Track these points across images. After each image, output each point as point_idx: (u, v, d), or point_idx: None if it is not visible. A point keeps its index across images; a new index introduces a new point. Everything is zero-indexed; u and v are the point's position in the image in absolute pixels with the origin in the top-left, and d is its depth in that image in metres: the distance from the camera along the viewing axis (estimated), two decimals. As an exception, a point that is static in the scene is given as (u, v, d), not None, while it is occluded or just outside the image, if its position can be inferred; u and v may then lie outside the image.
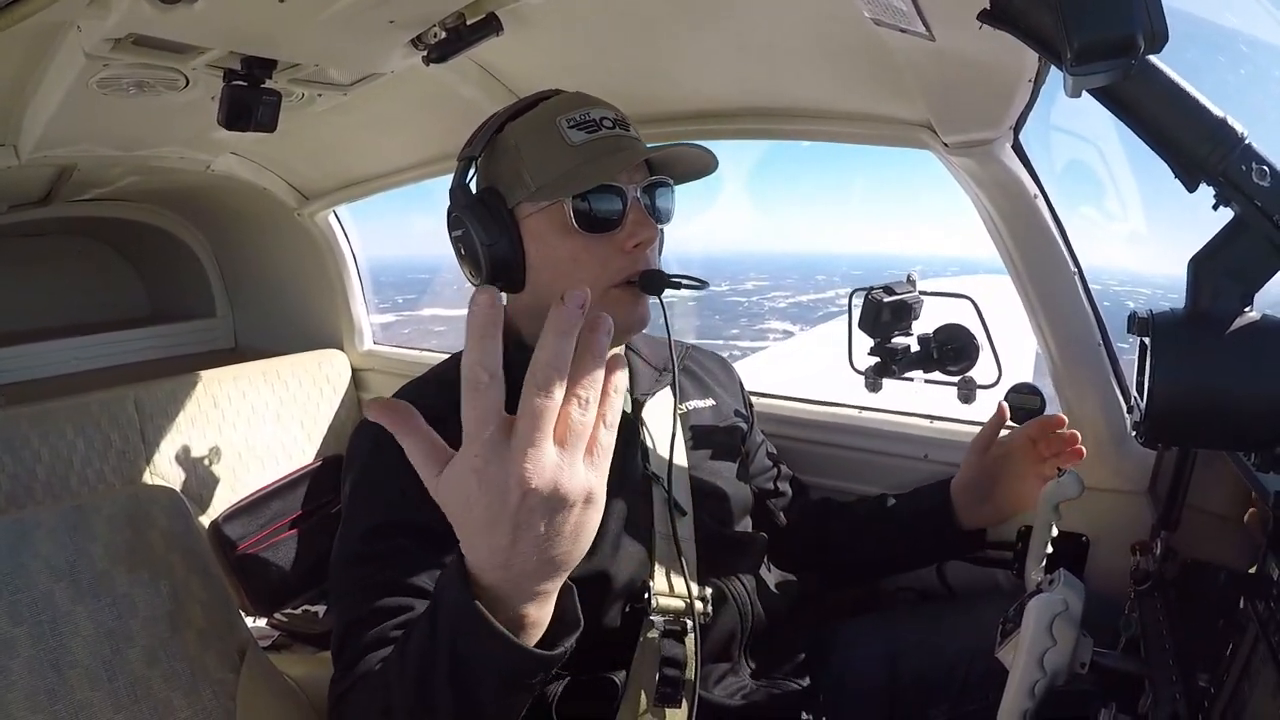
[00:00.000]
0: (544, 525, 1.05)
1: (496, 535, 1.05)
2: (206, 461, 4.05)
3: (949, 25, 1.67)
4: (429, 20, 2.25)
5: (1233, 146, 1.34)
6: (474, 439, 1.01)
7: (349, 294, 4.84)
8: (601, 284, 1.98)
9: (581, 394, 1.02)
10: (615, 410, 1.07)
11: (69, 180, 3.91)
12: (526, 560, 1.07)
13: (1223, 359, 1.41)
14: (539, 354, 0.99)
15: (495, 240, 2.00)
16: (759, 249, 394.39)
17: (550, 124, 2.00)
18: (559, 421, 1.01)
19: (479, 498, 1.03)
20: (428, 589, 1.72)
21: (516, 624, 1.17)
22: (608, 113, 2.04)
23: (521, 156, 2.01)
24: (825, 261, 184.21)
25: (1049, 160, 2.41)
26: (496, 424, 1.01)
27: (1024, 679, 1.60)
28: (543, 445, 0.99)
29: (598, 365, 1.03)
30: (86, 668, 1.85)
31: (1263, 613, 1.30)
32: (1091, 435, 2.46)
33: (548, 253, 2.01)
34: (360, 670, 1.63)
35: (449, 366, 2.21)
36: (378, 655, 1.64)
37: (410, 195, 4.51)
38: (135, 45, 2.19)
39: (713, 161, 2.09)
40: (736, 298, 39.00)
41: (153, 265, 5.82)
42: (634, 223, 1.98)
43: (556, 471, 1.01)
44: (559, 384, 0.99)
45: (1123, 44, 1.18)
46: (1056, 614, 1.61)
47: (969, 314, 2.34)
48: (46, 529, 1.93)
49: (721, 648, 2.14)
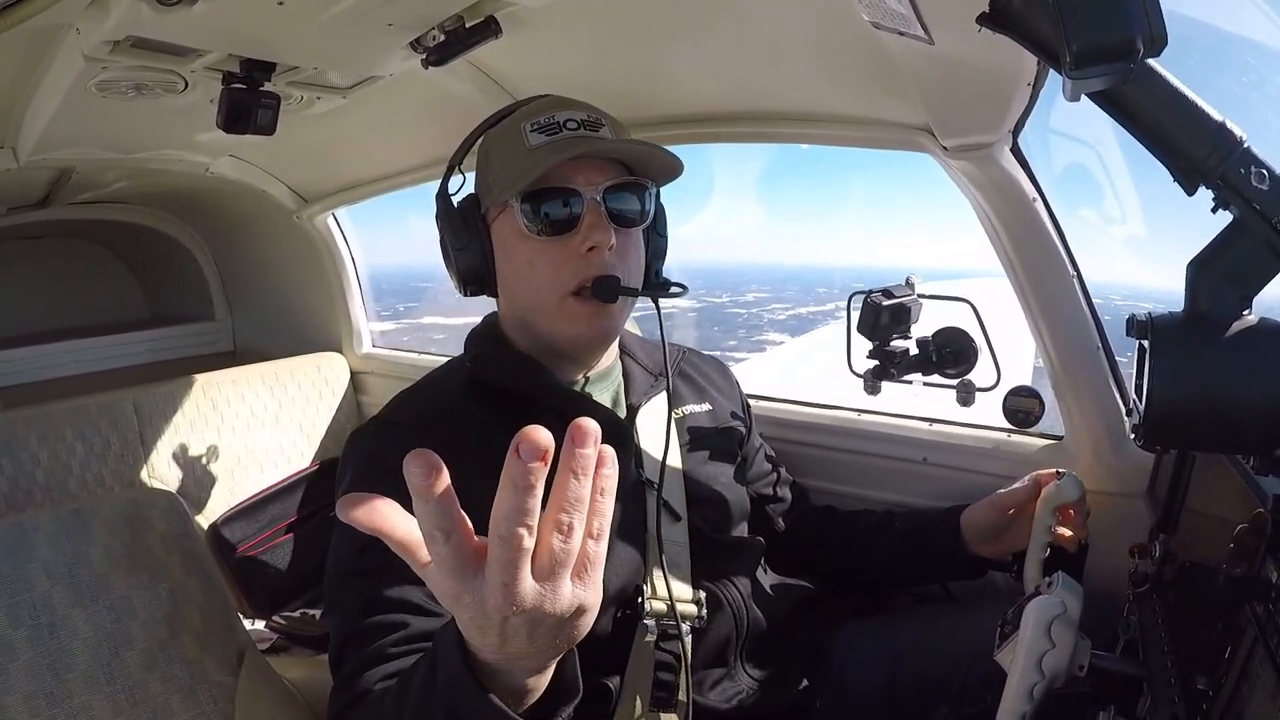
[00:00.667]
0: (531, 635, 1.02)
1: (485, 636, 1.03)
2: (205, 464, 4.05)
3: (948, 28, 1.67)
4: (428, 23, 2.24)
5: (1231, 150, 1.35)
6: (442, 576, 0.97)
7: (348, 297, 4.84)
8: (558, 290, 1.99)
9: (564, 521, 0.95)
10: (605, 515, 1.00)
11: (68, 183, 3.91)
12: (519, 650, 1.05)
13: (1221, 362, 1.41)
14: (497, 505, 0.92)
15: (465, 245, 2.05)
16: (762, 261, 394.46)
17: (515, 128, 2.02)
18: (539, 551, 0.96)
19: (459, 612, 1.01)
20: (420, 603, 1.72)
21: (515, 693, 1.15)
22: (576, 114, 2.04)
23: (490, 163, 2.06)
24: (827, 274, 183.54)
25: (1048, 164, 2.41)
26: (464, 564, 0.96)
27: (1022, 682, 1.60)
28: (516, 585, 0.95)
29: (583, 487, 0.94)
30: (85, 671, 1.86)
31: (1261, 615, 1.30)
32: (1090, 438, 2.47)
33: (509, 256, 2.04)
34: (360, 688, 1.64)
35: (443, 373, 2.22)
36: (377, 672, 1.64)
37: (411, 200, 4.51)
38: (134, 48, 2.19)
39: (670, 159, 2.07)
40: (736, 309, 38.95)
41: (151, 268, 5.82)
42: (588, 225, 1.97)
43: (538, 599, 0.97)
44: (525, 532, 0.92)
45: (1122, 48, 1.18)
46: (1055, 616, 1.62)
47: (968, 317, 2.34)
48: (45, 532, 1.93)
49: (717, 652, 2.14)
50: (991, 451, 2.74)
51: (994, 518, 2.30)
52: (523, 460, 0.88)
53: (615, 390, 2.28)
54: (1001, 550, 2.33)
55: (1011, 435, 2.72)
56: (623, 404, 2.25)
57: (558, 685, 1.22)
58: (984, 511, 2.33)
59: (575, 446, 0.92)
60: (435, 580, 0.99)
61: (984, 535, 2.34)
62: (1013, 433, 2.71)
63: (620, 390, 2.28)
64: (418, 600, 1.72)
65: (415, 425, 1.93)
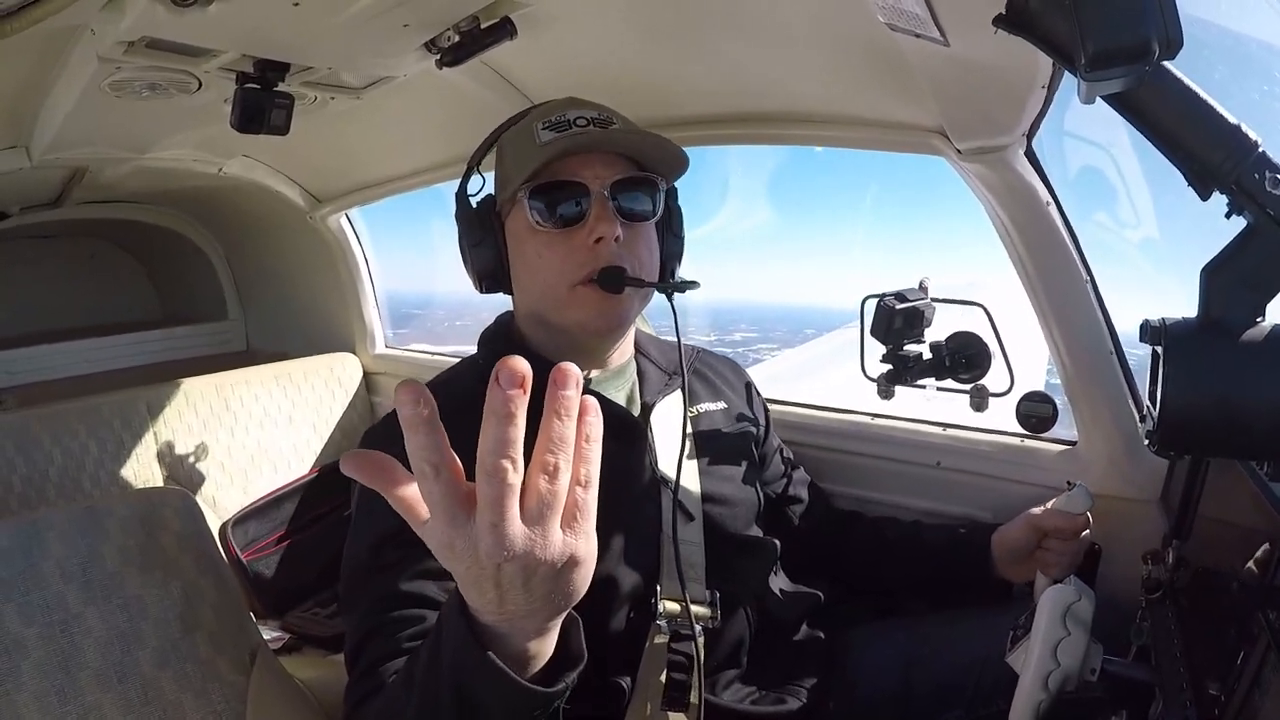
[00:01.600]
0: (527, 586, 1.03)
1: (483, 591, 1.04)
2: (218, 464, 4.06)
3: (964, 30, 1.67)
4: (443, 24, 2.25)
5: (1246, 155, 1.34)
6: (435, 519, 0.98)
7: (361, 297, 4.84)
8: (566, 281, 2.00)
9: (549, 461, 0.96)
10: (593, 463, 1.01)
11: (81, 182, 3.93)
12: (518, 607, 1.06)
13: (1235, 368, 1.41)
14: (481, 439, 0.94)
15: (479, 241, 2.08)
16: (752, 300, 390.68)
17: (529, 128, 2.04)
18: (527, 494, 0.97)
19: (455, 565, 1.02)
20: (436, 598, 1.73)
21: (518, 659, 1.16)
22: (587, 112, 2.05)
23: (504, 161, 2.09)
24: (817, 315, 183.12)
25: (1062, 167, 2.40)
26: (455, 504, 0.97)
27: (1039, 669, 1.61)
28: (505, 526, 0.95)
29: (566, 427, 0.96)
30: (97, 669, 1.85)
31: (1274, 622, 1.30)
32: (1104, 444, 2.46)
33: (520, 250, 2.06)
34: (375, 681, 1.64)
35: (454, 372, 2.24)
36: (392, 666, 1.64)
37: (404, 228, 4.52)
38: (148, 48, 2.20)
39: (678, 153, 2.09)
40: (723, 349, 38.96)
41: (164, 267, 5.84)
42: (595, 218, 1.98)
43: (528, 544, 0.98)
44: (509, 465, 0.93)
45: (1138, 50, 1.18)
46: (1070, 603, 1.62)
47: (981, 322, 2.33)
48: (58, 530, 1.93)
49: (730, 653, 2.14)
50: (1005, 456, 2.74)
51: (1028, 537, 2.27)
52: (502, 388, 0.90)
53: (630, 388, 2.28)
54: (1029, 574, 2.30)
55: (1025, 441, 2.71)
56: (637, 402, 2.25)
57: (562, 654, 1.23)
58: (1018, 531, 2.30)
59: (557, 389, 0.94)
60: (432, 532, 1.00)
61: (1015, 556, 2.31)
62: (1026, 438, 2.70)
63: (635, 388, 2.28)
64: (433, 594, 1.73)
65: None
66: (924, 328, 2.32)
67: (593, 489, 1.02)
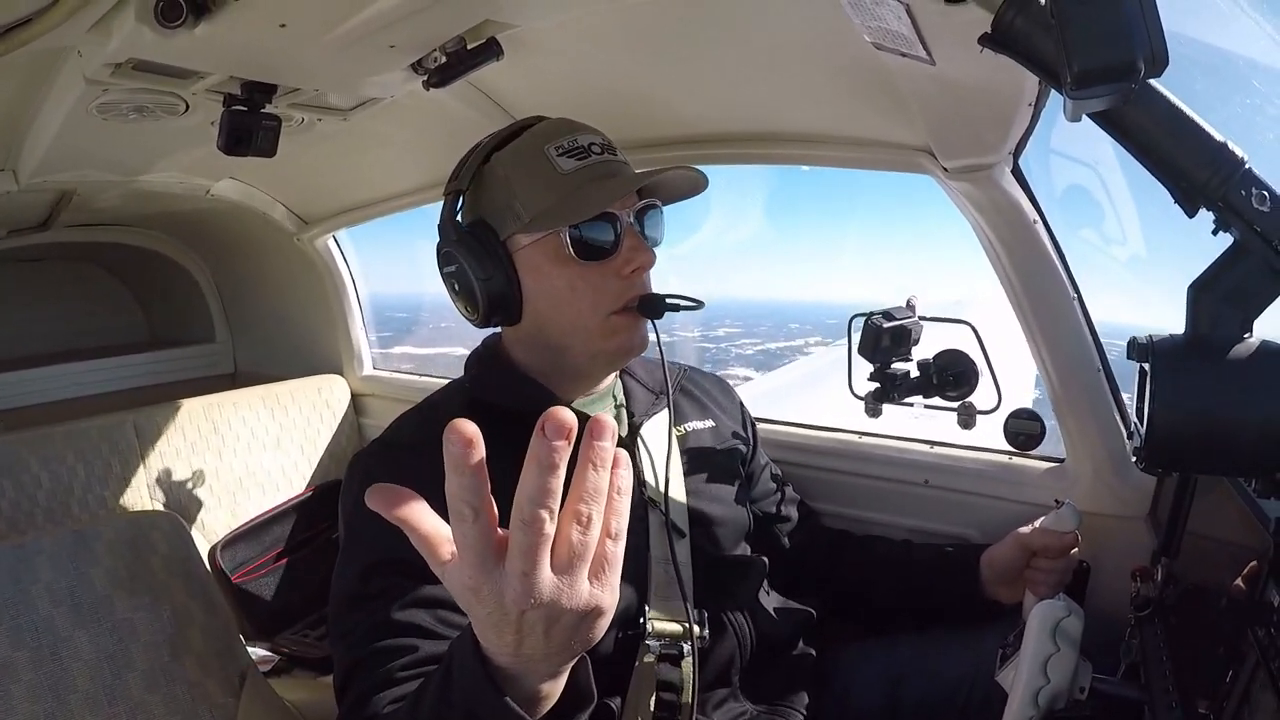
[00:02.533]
0: (548, 634, 1.02)
1: (501, 635, 1.03)
2: (206, 487, 4.06)
3: (950, 49, 1.67)
4: (430, 45, 2.25)
5: (1232, 171, 1.35)
6: (465, 563, 0.97)
7: (348, 319, 4.84)
8: (600, 311, 1.98)
9: (583, 511, 0.96)
10: (622, 516, 1.01)
11: (68, 205, 3.92)
12: (535, 652, 1.05)
13: (1223, 385, 1.41)
14: (521, 486, 0.93)
15: (490, 275, 1.99)
16: (738, 296, 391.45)
17: (538, 152, 1.99)
18: (558, 543, 0.97)
19: (477, 609, 1.01)
20: (428, 627, 1.71)
21: (529, 700, 1.14)
22: (595, 138, 2.04)
23: (512, 188, 2.00)
24: (802, 310, 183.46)
25: (1049, 185, 2.41)
26: (488, 549, 0.96)
27: (1028, 685, 1.61)
28: (535, 575, 0.95)
29: (601, 479, 0.96)
30: (86, 693, 1.85)
31: (1263, 640, 1.30)
32: (1091, 461, 2.47)
33: (544, 284, 2.00)
34: (368, 712, 1.62)
35: (443, 395, 2.22)
36: (385, 695, 1.62)
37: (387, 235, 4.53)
38: (135, 70, 2.19)
39: (702, 181, 2.08)
40: (706, 344, 38.37)
41: (152, 290, 5.82)
42: (630, 248, 1.98)
43: (555, 593, 0.97)
44: (548, 515, 0.93)
45: (1123, 68, 1.18)
46: (1059, 619, 1.62)
47: (969, 340, 2.34)
48: (47, 554, 1.93)
49: (720, 673, 2.13)
50: (993, 474, 2.74)
51: (1017, 556, 2.27)
52: (548, 438, 0.89)
53: (617, 409, 2.27)
54: (1018, 596, 2.30)
55: (1013, 458, 2.72)
56: (624, 422, 2.25)
57: (571, 693, 1.21)
58: (1006, 551, 2.30)
59: (593, 439, 0.93)
60: (456, 574, 0.99)
61: (1004, 576, 2.32)
62: (1014, 455, 2.70)
63: (622, 409, 2.27)
64: (426, 624, 1.70)
65: (418, 445, 1.87)
66: (911, 346, 2.33)
67: (621, 541, 1.03)
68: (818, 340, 69.75)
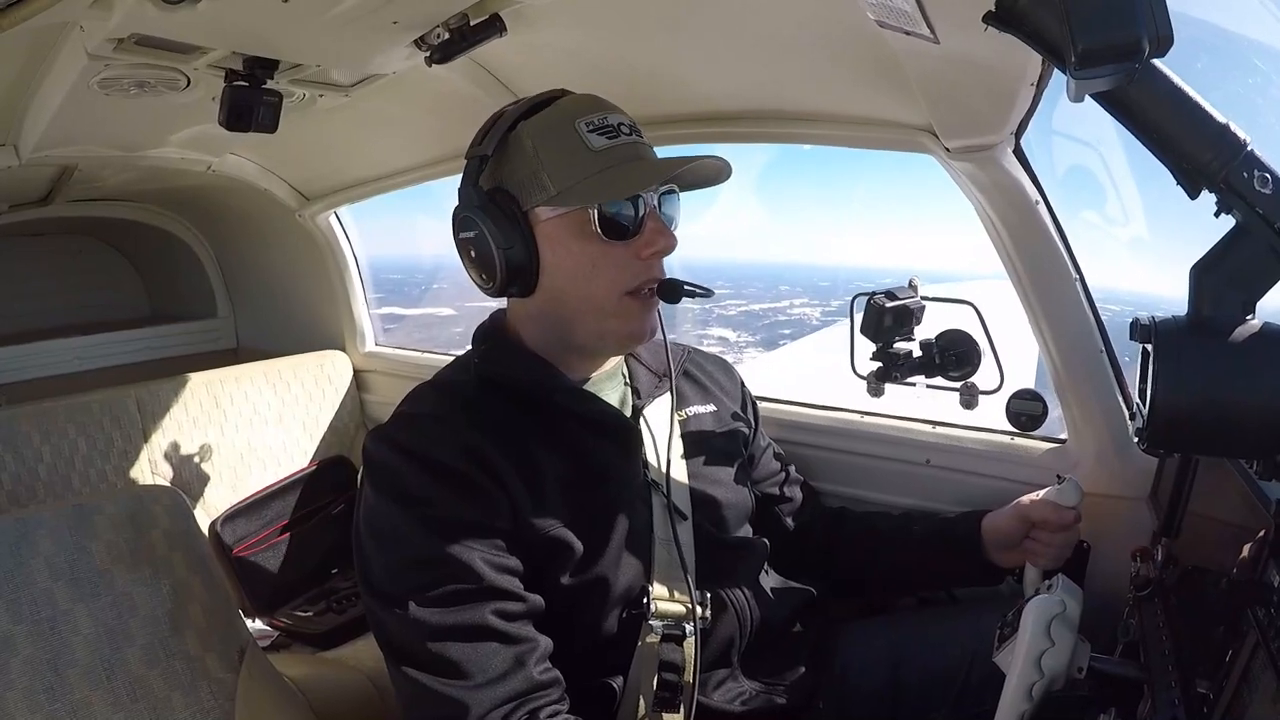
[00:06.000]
0: None
1: None
2: (207, 462, 4.07)
3: (953, 27, 1.67)
4: (432, 21, 2.24)
5: (1235, 154, 1.35)
6: None
7: (350, 295, 4.85)
8: (617, 290, 1.97)
9: None
10: None
11: (70, 180, 3.92)
12: None
13: (1225, 367, 1.41)
14: None
15: (512, 244, 1.94)
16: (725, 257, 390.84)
17: (568, 126, 1.96)
18: None
19: None
20: (506, 588, 1.75)
21: None
22: (623, 118, 2.03)
23: (540, 158, 1.95)
24: (793, 272, 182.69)
25: (1051, 166, 2.40)
26: None
27: (1021, 680, 1.61)
28: None
29: None
30: (86, 666, 1.86)
31: (1263, 619, 1.30)
32: (1093, 442, 2.47)
33: (565, 258, 1.97)
34: None
35: (453, 370, 2.17)
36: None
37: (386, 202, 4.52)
38: (137, 45, 2.19)
39: (727, 170, 2.07)
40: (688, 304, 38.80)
41: (154, 265, 5.83)
42: (652, 230, 1.96)
43: None
44: None
45: (1127, 47, 1.17)
46: (1054, 615, 1.62)
47: (971, 319, 2.33)
48: (48, 528, 1.93)
49: (721, 653, 2.14)
50: (994, 454, 2.75)
51: (1016, 527, 2.28)
52: None
53: (623, 390, 2.26)
54: (1019, 560, 2.31)
55: (1015, 438, 2.73)
56: (629, 404, 2.24)
57: None
58: (1007, 520, 2.31)
59: None
60: None
61: (1005, 543, 2.32)
62: (1016, 436, 2.71)
63: (626, 391, 2.27)
64: (501, 584, 1.75)
65: (442, 416, 1.84)
66: (914, 325, 2.32)
67: None
68: (804, 301, 68.80)
